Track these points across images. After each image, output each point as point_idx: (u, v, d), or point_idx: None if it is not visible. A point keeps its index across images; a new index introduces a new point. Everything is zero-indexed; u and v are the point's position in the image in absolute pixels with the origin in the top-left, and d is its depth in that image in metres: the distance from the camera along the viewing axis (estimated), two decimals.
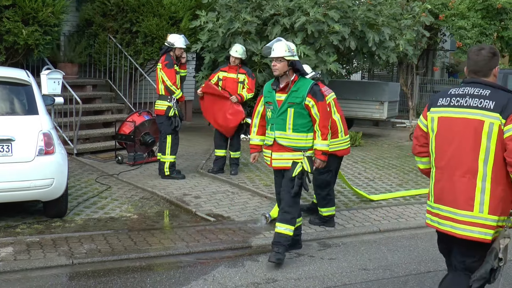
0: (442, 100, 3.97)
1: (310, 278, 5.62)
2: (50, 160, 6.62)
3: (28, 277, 5.35)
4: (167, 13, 12.75)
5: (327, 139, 5.99)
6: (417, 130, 4.18)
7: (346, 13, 12.30)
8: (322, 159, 6.03)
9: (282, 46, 5.88)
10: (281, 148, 5.99)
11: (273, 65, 5.91)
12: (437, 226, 4.00)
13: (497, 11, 16.40)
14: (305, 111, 5.91)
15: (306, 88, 5.89)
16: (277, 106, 5.96)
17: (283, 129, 5.94)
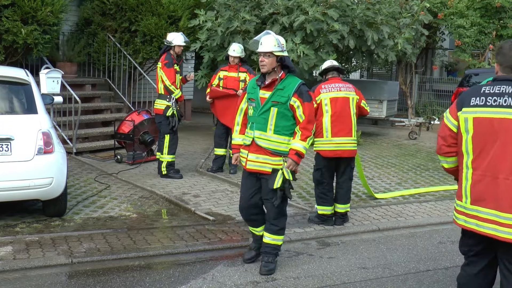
0: (475, 99, 3.83)
1: (309, 277, 5.62)
2: (49, 159, 6.62)
3: (28, 276, 5.35)
4: (166, 12, 12.75)
5: (305, 140, 5.44)
6: (445, 130, 4.04)
7: (345, 12, 12.32)
8: (295, 160, 5.44)
9: (271, 40, 5.42)
10: (259, 150, 5.47)
11: (260, 60, 5.44)
12: (475, 228, 3.90)
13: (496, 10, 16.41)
14: (290, 113, 5.44)
15: (293, 87, 5.41)
16: (259, 104, 5.47)
17: (264, 129, 5.44)
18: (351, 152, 7.16)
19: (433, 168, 11.10)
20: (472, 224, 3.91)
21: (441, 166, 4.27)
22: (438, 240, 6.97)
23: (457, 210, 4.04)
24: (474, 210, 3.89)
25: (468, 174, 3.93)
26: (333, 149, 7.07)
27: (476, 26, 16.41)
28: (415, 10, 14.28)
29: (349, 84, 7.31)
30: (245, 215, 5.81)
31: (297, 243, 6.65)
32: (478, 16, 16.43)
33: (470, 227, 3.94)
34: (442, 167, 4.26)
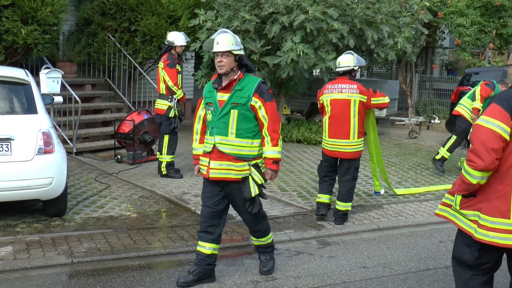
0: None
1: (310, 276, 5.62)
2: (49, 159, 6.63)
3: (28, 276, 5.36)
4: (165, 12, 12.75)
5: (278, 144, 5.17)
6: (498, 141, 3.53)
7: (344, 11, 12.32)
8: (274, 168, 5.21)
9: (229, 39, 5.09)
10: (221, 156, 5.11)
11: (219, 61, 5.06)
12: None
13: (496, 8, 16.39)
14: (251, 114, 5.11)
15: (253, 87, 5.08)
16: (218, 107, 5.11)
17: (225, 133, 5.09)
18: (349, 154, 7.17)
19: (433, 167, 11.09)
20: None
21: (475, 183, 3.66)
22: (439, 239, 6.97)
23: (493, 228, 3.64)
24: None
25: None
26: (331, 149, 7.23)
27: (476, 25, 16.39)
28: (415, 9, 14.28)
29: (354, 85, 7.16)
30: (203, 226, 5.31)
31: (297, 242, 6.65)
32: (478, 15, 16.41)
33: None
34: (477, 184, 3.67)
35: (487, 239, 3.64)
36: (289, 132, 13.32)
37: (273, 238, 6.59)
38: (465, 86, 13.42)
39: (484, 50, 16.91)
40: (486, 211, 3.65)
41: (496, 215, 3.61)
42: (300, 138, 13.16)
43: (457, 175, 10.34)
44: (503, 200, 3.58)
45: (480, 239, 3.69)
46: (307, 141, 13.09)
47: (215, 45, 5.08)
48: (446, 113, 18.07)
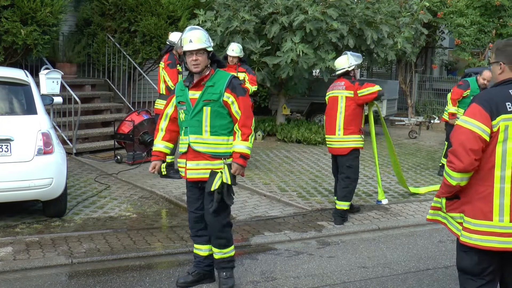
0: (510, 104, 3.47)
1: (309, 276, 5.63)
2: (49, 159, 6.63)
3: (28, 277, 5.36)
4: (165, 12, 12.75)
5: (248, 140, 4.96)
6: (478, 142, 3.46)
7: (344, 11, 12.32)
8: (241, 163, 4.95)
9: (202, 35, 4.91)
10: (197, 156, 4.97)
11: (194, 59, 4.88)
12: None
13: (496, 8, 16.39)
14: (224, 110, 4.96)
15: (224, 82, 4.94)
16: (190, 106, 4.97)
17: (199, 132, 4.95)
18: (338, 150, 7.38)
19: (433, 167, 11.10)
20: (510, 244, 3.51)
21: (455, 185, 3.60)
22: (438, 239, 6.97)
23: (476, 230, 3.56)
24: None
25: (505, 189, 3.50)
26: (328, 145, 7.60)
27: (475, 25, 16.40)
28: (414, 9, 14.30)
29: (342, 82, 7.36)
30: (193, 231, 5.25)
31: (297, 242, 6.65)
32: (477, 14, 16.41)
33: (508, 247, 3.52)
34: (457, 186, 3.60)
35: (471, 241, 3.58)
36: (288, 132, 13.32)
37: (273, 238, 6.63)
38: None
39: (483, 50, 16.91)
40: (469, 213, 3.60)
41: (478, 217, 3.55)
42: (300, 138, 13.16)
43: None
44: (485, 201, 3.53)
45: (464, 242, 3.63)
46: (307, 141, 13.09)
47: (187, 44, 4.89)
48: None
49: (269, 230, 6.91)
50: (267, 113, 16.77)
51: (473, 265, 3.68)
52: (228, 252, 5.16)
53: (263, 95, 17.37)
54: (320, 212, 7.77)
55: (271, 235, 6.74)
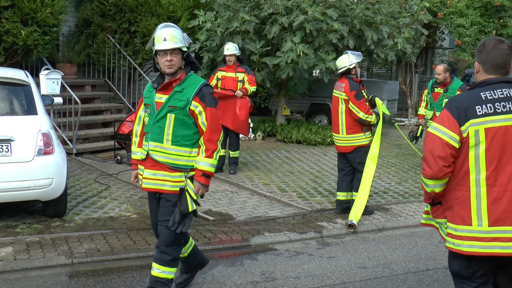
0: (481, 108, 3.42)
1: (309, 277, 5.63)
2: (49, 160, 6.63)
3: (28, 277, 5.37)
4: (165, 13, 12.75)
5: (212, 156, 4.51)
6: (444, 149, 3.44)
7: (344, 12, 12.33)
8: (203, 182, 4.52)
9: (177, 34, 4.53)
10: (155, 165, 4.56)
11: (168, 60, 4.46)
12: (498, 252, 3.44)
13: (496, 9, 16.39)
14: (190, 119, 4.53)
15: (194, 89, 4.50)
16: (155, 110, 4.55)
17: (160, 140, 4.51)
18: (342, 148, 7.60)
19: None
20: (494, 248, 3.45)
21: (430, 191, 3.62)
22: (438, 239, 6.97)
23: (458, 236, 3.53)
24: (496, 231, 3.43)
25: (481, 192, 3.45)
26: (334, 142, 7.80)
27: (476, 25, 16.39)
28: (414, 9, 14.29)
29: (343, 84, 7.47)
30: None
31: (297, 243, 6.66)
32: (478, 15, 16.41)
33: (490, 251, 3.46)
34: (432, 193, 3.62)
35: (454, 247, 3.56)
36: (289, 132, 13.32)
37: (273, 238, 6.64)
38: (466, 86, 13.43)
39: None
40: (450, 218, 3.59)
41: (458, 222, 3.53)
42: (300, 139, 13.16)
43: None
44: (463, 206, 3.50)
45: (449, 248, 3.62)
46: (306, 142, 13.09)
47: (161, 42, 4.46)
48: None
49: (269, 231, 6.92)
50: (267, 114, 16.77)
51: (462, 269, 3.65)
52: (167, 273, 4.67)
53: (263, 96, 17.37)
54: (320, 213, 7.78)
55: (271, 236, 6.75)
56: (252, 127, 13.59)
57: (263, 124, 14.05)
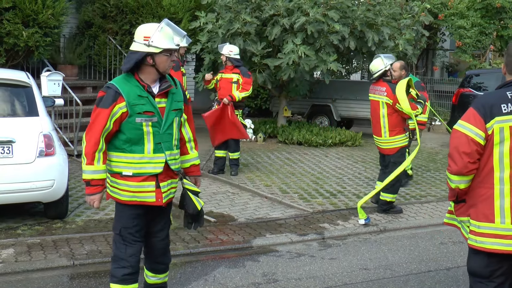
0: (506, 106, 3.49)
1: (311, 278, 5.62)
2: (50, 161, 6.63)
3: (29, 278, 5.36)
4: (166, 14, 12.76)
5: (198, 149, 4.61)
6: (470, 145, 3.51)
7: (345, 13, 12.33)
8: (200, 175, 4.70)
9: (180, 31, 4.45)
10: (166, 176, 4.27)
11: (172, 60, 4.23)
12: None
13: (497, 10, 16.41)
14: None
15: (180, 88, 4.37)
16: (161, 117, 4.17)
17: (171, 147, 4.26)
18: (386, 150, 7.84)
19: (434, 169, 11.10)
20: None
21: (455, 187, 3.67)
22: (440, 241, 6.97)
23: (481, 233, 3.58)
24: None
25: (505, 190, 3.52)
26: (375, 144, 8.06)
27: (476, 27, 16.42)
28: (415, 11, 14.29)
29: (384, 87, 7.62)
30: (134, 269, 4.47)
31: (299, 244, 6.65)
32: (478, 16, 16.43)
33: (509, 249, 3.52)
34: (456, 189, 3.68)
35: (476, 244, 3.62)
36: (290, 134, 13.32)
37: (275, 240, 6.65)
38: (466, 88, 13.44)
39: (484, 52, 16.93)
40: (474, 216, 3.64)
41: (481, 220, 3.58)
42: (301, 140, 13.15)
43: None
44: (486, 204, 3.56)
45: (471, 245, 3.67)
46: (308, 143, 13.08)
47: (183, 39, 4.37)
48: (447, 115, 18.05)
49: (271, 232, 6.91)
50: (268, 115, 16.78)
51: (482, 267, 3.67)
52: (165, 277, 4.67)
53: (264, 97, 17.38)
54: (321, 214, 7.77)
55: (273, 237, 6.74)
56: (253, 129, 13.60)
57: (264, 126, 14.05)
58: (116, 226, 4.36)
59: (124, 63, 4.25)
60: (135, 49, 4.16)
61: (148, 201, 4.21)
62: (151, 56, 4.11)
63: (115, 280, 4.35)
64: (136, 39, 4.18)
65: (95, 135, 4.05)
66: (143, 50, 4.11)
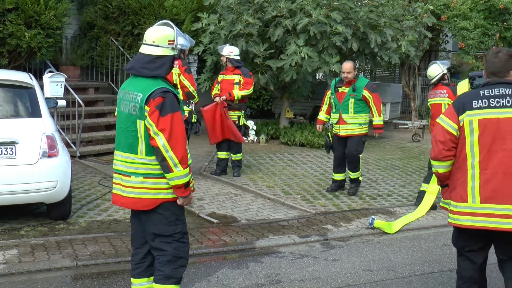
0: (477, 102, 4.11)
1: (314, 279, 5.62)
2: (53, 162, 6.63)
3: (33, 279, 5.36)
4: (168, 16, 12.76)
5: None
6: (444, 134, 4.18)
7: (348, 15, 12.32)
8: None
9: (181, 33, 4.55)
10: None
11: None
12: (488, 226, 4.06)
13: (500, 12, 16.37)
14: None
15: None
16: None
17: None
18: None
19: None
20: (484, 222, 4.07)
21: (435, 171, 4.37)
22: (443, 242, 6.95)
23: (457, 211, 4.19)
24: (485, 208, 4.06)
25: (475, 174, 4.10)
26: None
27: (479, 28, 16.37)
28: (418, 12, 14.27)
29: (444, 90, 8.20)
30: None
31: (302, 245, 6.64)
32: (481, 18, 16.39)
33: (480, 225, 4.09)
34: (436, 172, 4.36)
35: (453, 221, 4.25)
36: (292, 135, 13.31)
37: (278, 241, 6.64)
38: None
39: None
40: (453, 197, 4.24)
41: (458, 200, 4.18)
42: (303, 142, 13.15)
43: None
44: (462, 186, 4.15)
45: (450, 223, 4.31)
46: (310, 145, 13.07)
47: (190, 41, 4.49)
48: None
49: (273, 233, 6.90)
50: (270, 117, 16.77)
51: (456, 241, 4.49)
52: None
53: (266, 99, 17.37)
54: (324, 215, 7.77)
55: (276, 238, 6.73)
56: (256, 130, 13.59)
57: (267, 127, 14.04)
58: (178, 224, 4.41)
59: (154, 68, 4.20)
60: (161, 53, 4.20)
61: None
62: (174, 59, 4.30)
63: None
64: (159, 44, 4.20)
65: (184, 139, 4.15)
66: (171, 54, 4.24)
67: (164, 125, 4.04)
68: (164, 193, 4.25)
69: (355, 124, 8.52)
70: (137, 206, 4.31)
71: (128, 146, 4.28)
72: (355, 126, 8.53)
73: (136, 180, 4.25)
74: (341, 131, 8.57)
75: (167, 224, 4.32)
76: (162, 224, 4.31)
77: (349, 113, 8.46)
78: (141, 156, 4.22)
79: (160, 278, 4.35)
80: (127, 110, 4.24)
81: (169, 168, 4.08)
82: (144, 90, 4.11)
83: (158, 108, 4.05)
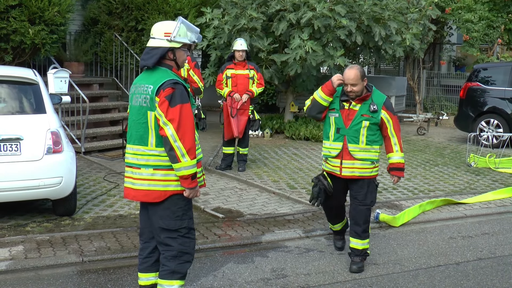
0: None
1: (320, 273, 5.61)
2: (58, 158, 6.64)
3: (39, 275, 5.37)
4: (172, 11, 12.76)
5: None
6: None
7: (352, 8, 12.28)
8: None
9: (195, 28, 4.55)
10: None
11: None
12: None
13: (504, 3, 16.30)
14: None
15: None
16: None
17: None
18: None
19: (442, 163, 11.06)
20: None
21: None
22: (449, 235, 6.94)
23: None
24: None
25: None
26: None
27: (484, 20, 16.30)
28: (422, 5, 14.22)
29: None
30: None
31: (307, 239, 6.64)
32: (486, 10, 16.32)
33: None
34: None
35: None
36: (297, 129, 13.29)
37: (283, 235, 6.63)
38: (474, 82, 13.37)
39: (492, 45, 16.83)
40: None
41: None
42: (308, 136, 13.13)
43: (466, 171, 10.31)
44: None
45: None
46: (315, 139, 13.05)
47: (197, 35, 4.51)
48: (454, 109, 18.00)
49: (279, 228, 6.90)
50: (275, 111, 16.75)
51: None
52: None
53: (271, 93, 17.35)
54: None
55: (281, 233, 6.73)
56: (260, 124, 13.58)
57: (271, 121, 14.03)
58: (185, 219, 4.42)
59: (146, 58, 4.33)
60: (155, 45, 4.30)
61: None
62: (172, 51, 4.31)
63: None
64: (155, 35, 4.32)
65: (193, 130, 4.20)
66: (165, 46, 4.28)
67: (173, 115, 4.09)
68: (173, 185, 4.28)
69: (366, 162, 5.76)
70: (147, 198, 4.33)
71: (138, 138, 4.29)
72: (365, 165, 5.74)
73: (147, 172, 4.27)
74: (343, 169, 5.73)
75: (174, 218, 4.33)
76: (169, 219, 4.33)
77: (359, 143, 5.74)
78: (151, 147, 4.25)
79: (165, 273, 4.37)
80: (138, 103, 4.30)
81: (176, 158, 4.12)
82: (155, 82, 4.19)
83: (167, 98, 4.12)
